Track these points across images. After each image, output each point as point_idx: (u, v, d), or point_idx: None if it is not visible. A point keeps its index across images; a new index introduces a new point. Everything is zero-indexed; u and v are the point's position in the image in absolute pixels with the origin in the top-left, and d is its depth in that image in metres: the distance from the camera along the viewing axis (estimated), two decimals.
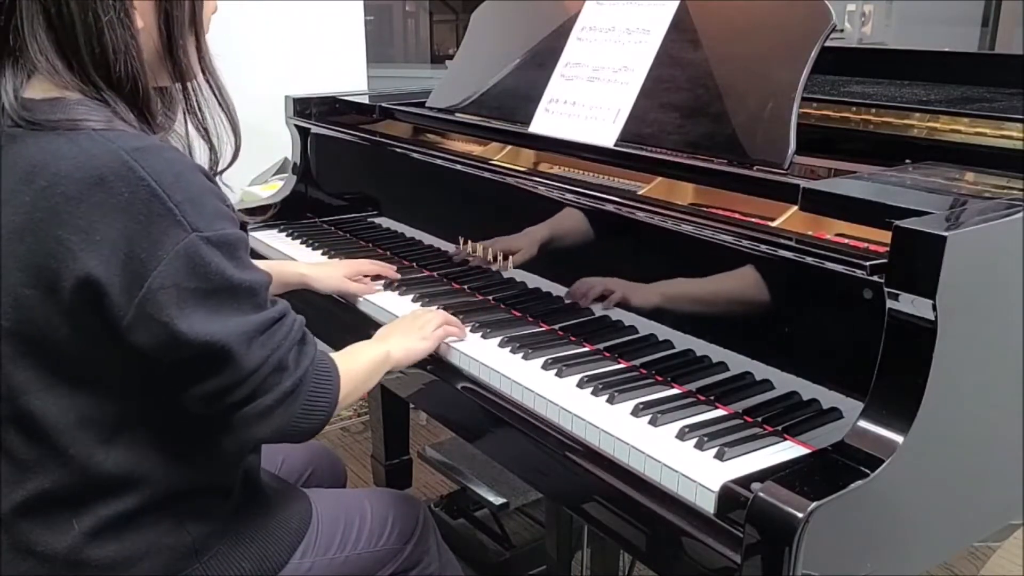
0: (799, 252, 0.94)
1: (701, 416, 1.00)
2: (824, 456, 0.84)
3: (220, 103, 1.01)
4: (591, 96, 1.33)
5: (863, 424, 0.83)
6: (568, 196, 1.24)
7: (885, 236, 0.84)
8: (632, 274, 1.17)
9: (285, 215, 1.86)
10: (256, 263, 0.97)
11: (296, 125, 1.87)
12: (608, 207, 1.17)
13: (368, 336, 1.23)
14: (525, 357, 1.17)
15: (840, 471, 0.80)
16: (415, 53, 5.50)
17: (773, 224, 1.02)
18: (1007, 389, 0.95)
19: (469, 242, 1.43)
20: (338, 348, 1.14)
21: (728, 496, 0.83)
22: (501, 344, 1.21)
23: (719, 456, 0.91)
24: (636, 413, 1.00)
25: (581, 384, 1.08)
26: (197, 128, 1.01)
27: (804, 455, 0.89)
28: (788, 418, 0.96)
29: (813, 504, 0.75)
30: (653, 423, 0.98)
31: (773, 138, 1.12)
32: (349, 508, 1.20)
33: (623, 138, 1.26)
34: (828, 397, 0.95)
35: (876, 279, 0.86)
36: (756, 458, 0.91)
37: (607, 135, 1.28)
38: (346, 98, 1.82)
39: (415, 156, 1.53)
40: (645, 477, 0.92)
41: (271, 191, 2.02)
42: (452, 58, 1.76)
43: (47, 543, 0.95)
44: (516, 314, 1.33)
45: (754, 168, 1.12)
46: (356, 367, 1.09)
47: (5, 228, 0.87)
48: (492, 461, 1.32)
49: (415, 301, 1.40)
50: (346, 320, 1.43)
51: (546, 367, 1.14)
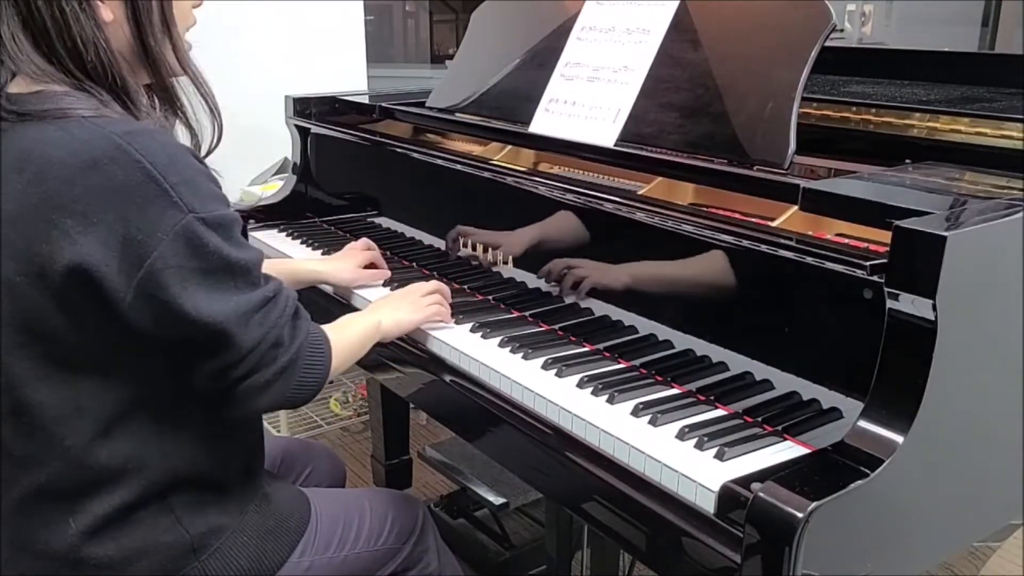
0: (799, 252, 0.94)
1: (701, 416, 1.00)
2: (824, 456, 0.84)
3: (198, 88, 1.02)
4: (591, 96, 1.33)
5: (863, 424, 0.83)
6: (568, 196, 1.24)
7: (885, 236, 0.84)
8: (631, 274, 1.17)
9: (285, 215, 1.86)
10: (270, 261, 0.98)
11: (296, 125, 1.87)
12: (608, 207, 1.17)
13: None
14: (525, 357, 1.17)
15: (840, 471, 0.80)
16: (415, 53, 5.49)
17: (773, 224, 1.02)
18: (1007, 389, 0.95)
19: (469, 242, 1.43)
20: None
21: (728, 496, 0.83)
22: (501, 344, 1.21)
23: (719, 456, 0.91)
24: (636, 413, 1.00)
25: (581, 384, 1.08)
26: (177, 114, 1.02)
27: (804, 455, 0.89)
28: (788, 418, 0.96)
29: (813, 504, 0.75)
30: (653, 423, 0.98)
31: (773, 138, 1.12)
32: (348, 507, 1.20)
33: (623, 138, 1.26)
34: (828, 397, 0.95)
35: (876, 279, 0.86)
36: (756, 458, 0.91)
37: (607, 135, 1.28)
38: (346, 98, 1.82)
39: (415, 156, 1.53)
40: (645, 477, 0.92)
41: (271, 191, 2.02)
42: (452, 58, 1.75)
43: (45, 541, 0.95)
44: (516, 314, 1.33)
45: (754, 168, 1.12)
46: (347, 338, 1.13)
47: None
48: (492, 461, 1.32)
49: None
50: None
51: (546, 367, 1.14)
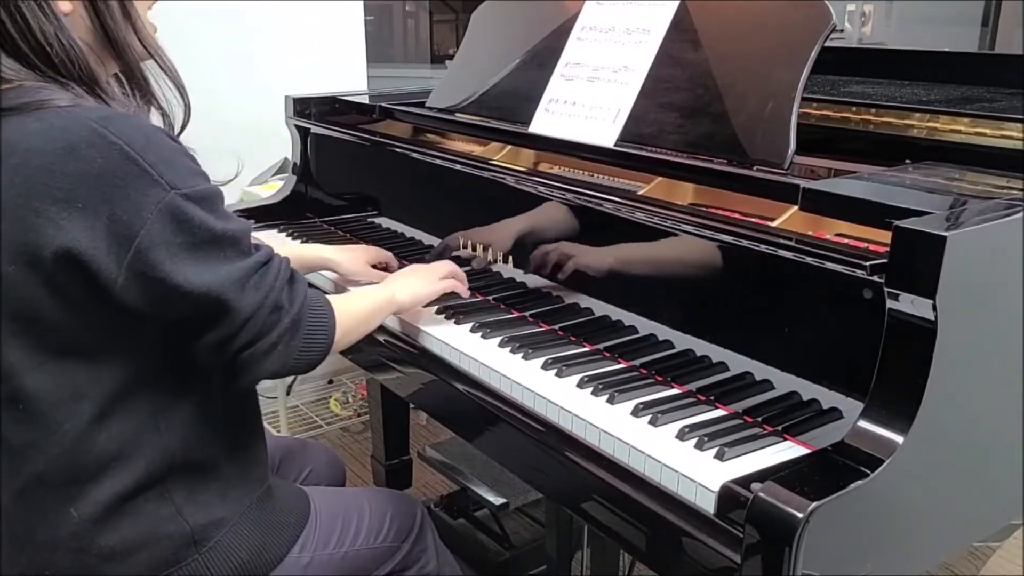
0: (799, 252, 0.94)
1: (701, 416, 1.00)
2: (824, 456, 0.84)
3: (164, 70, 1.03)
4: (591, 96, 1.33)
5: (863, 424, 0.83)
6: (568, 196, 1.24)
7: (885, 236, 0.84)
8: (631, 274, 1.17)
9: (285, 215, 1.86)
10: (280, 245, 0.98)
11: (296, 125, 1.86)
12: (608, 207, 1.17)
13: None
14: (525, 357, 1.17)
15: (840, 471, 0.80)
16: (415, 53, 5.49)
17: (773, 224, 1.02)
18: (1007, 389, 0.95)
19: (469, 242, 1.43)
20: None
21: (728, 496, 0.83)
22: (501, 344, 1.21)
23: (719, 456, 0.91)
24: (636, 413, 1.00)
25: (581, 384, 1.08)
26: (149, 100, 1.02)
27: (804, 455, 0.89)
28: (788, 418, 0.96)
29: (813, 504, 0.75)
30: (653, 423, 0.98)
31: (773, 138, 1.12)
32: (347, 506, 1.21)
33: (623, 138, 1.26)
34: (828, 397, 0.95)
35: (876, 279, 0.86)
36: (756, 458, 0.91)
37: (607, 135, 1.28)
38: (346, 98, 1.82)
39: (415, 156, 1.53)
40: (645, 477, 0.92)
41: (271, 191, 2.02)
42: (452, 58, 1.75)
43: (47, 532, 0.96)
44: (516, 314, 1.33)
45: (754, 168, 1.12)
46: (354, 307, 1.14)
47: None
48: (492, 461, 1.32)
49: None
50: None
51: (546, 367, 1.14)
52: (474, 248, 1.42)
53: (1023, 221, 0.89)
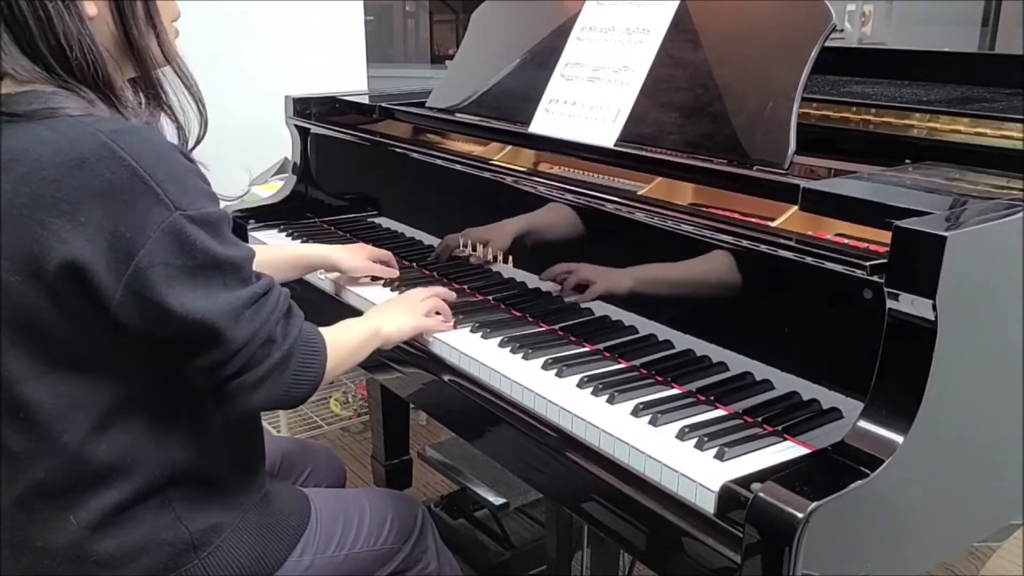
0: (799, 252, 0.94)
1: (701, 416, 1.00)
2: (824, 456, 0.84)
3: (183, 81, 1.02)
4: (591, 96, 1.33)
5: (863, 424, 0.83)
6: (568, 196, 1.24)
7: (885, 236, 0.84)
8: (631, 274, 1.17)
9: (285, 215, 1.86)
10: (278, 246, 0.97)
11: (296, 125, 1.87)
12: (608, 207, 1.17)
13: None
14: (525, 357, 1.17)
15: (840, 471, 0.80)
16: (415, 53, 5.49)
17: (773, 224, 1.02)
18: (1007, 389, 0.95)
19: (469, 242, 1.43)
20: None
21: (728, 496, 0.83)
22: (501, 344, 1.21)
23: (719, 456, 0.91)
24: (636, 413, 1.00)
25: (581, 384, 1.08)
26: (163, 108, 1.01)
27: (804, 455, 0.89)
28: (788, 418, 0.96)
29: (813, 504, 0.75)
30: (653, 423, 0.98)
31: (773, 138, 1.12)
32: (348, 507, 1.20)
33: (623, 138, 1.26)
34: (828, 397, 0.95)
35: (876, 279, 0.86)
36: (756, 458, 0.91)
37: (607, 135, 1.28)
38: (346, 98, 1.82)
39: (415, 156, 1.53)
40: (645, 477, 0.92)
41: (271, 191, 2.02)
42: (452, 58, 1.75)
43: (46, 538, 0.95)
44: (516, 314, 1.33)
45: (754, 168, 1.12)
46: (344, 339, 1.13)
47: None
48: (492, 461, 1.32)
49: None
50: (343, 317, 1.43)
51: (546, 367, 1.14)
52: (474, 248, 1.42)
53: (1023, 221, 0.89)
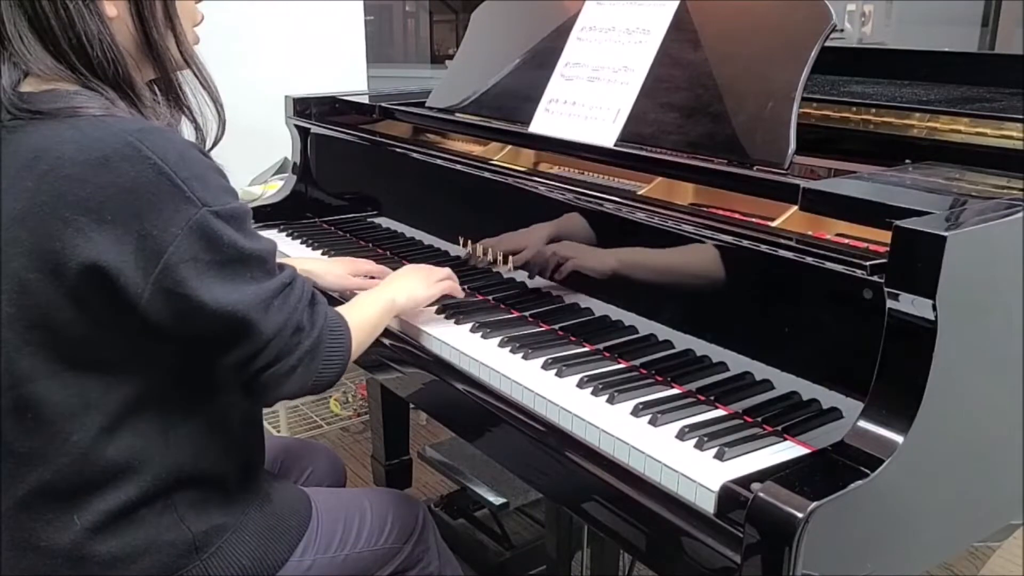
0: (799, 252, 0.94)
1: (701, 416, 1.00)
2: (824, 456, 0.84)
3: (202, 83, 1.03)
4: (591, 96, 1.33)
5: (863, 424, 0.83)
6: (568, 196, 1.24)
7: (885, 236, 0.84)
8: (631, 274, 1.17)
9: (285, 215, 1.86)
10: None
11: (296, 125, 1.87)
12: (608, 207, 1.17)
13: None
14: (525, 357, 1.17)
15: (840, 471, 0.80)
16: (415, 53, 5.50)
17: (773, 224, 1.02)
18: (1007, 389, 0.95)
19: (469, 242, 1.43)
20: None
21: (728, 496, 0.83)
22: (501, 344, 1.21)
23: (719, 456, 0.91)
24: (636, 413, 1.00)
25: (581, 384, 1.08)
26: (182, 109, 1.02)
27: (804, 455, 0.89)
28: (788, 418, 0.96)
29: (813, 504, 0.75)
30: (653, 423, 0.98)
31: (773, 138, 1.12)
32: (349, 507, 1.20)
33: (623, 138, 1.26)
34: (828, 397, 0.95)
35: (876, 279, 0.86)
36: (756, 458, 0.91)
37: (607, 135, 1.28)
38: (346, 98, 1.82)
39: (415, 156, 1.53)
40: (645, 477, 0.92)
41: (271, 191, 2.02)
42: (452, 58, 1.75)
43: (49, 538, 0.95)
44: (516, 314, 1.33)
45: (754, 168, 1.12)
46: (364, 318, 1.14)
47: (6, 216, 0.87)
48: (492, 461, 1.32)
49: None
50: None
51: (546, 367, 1.14)
52: (475, 249, 1.42)
53: (1023, 221, 0.89)
